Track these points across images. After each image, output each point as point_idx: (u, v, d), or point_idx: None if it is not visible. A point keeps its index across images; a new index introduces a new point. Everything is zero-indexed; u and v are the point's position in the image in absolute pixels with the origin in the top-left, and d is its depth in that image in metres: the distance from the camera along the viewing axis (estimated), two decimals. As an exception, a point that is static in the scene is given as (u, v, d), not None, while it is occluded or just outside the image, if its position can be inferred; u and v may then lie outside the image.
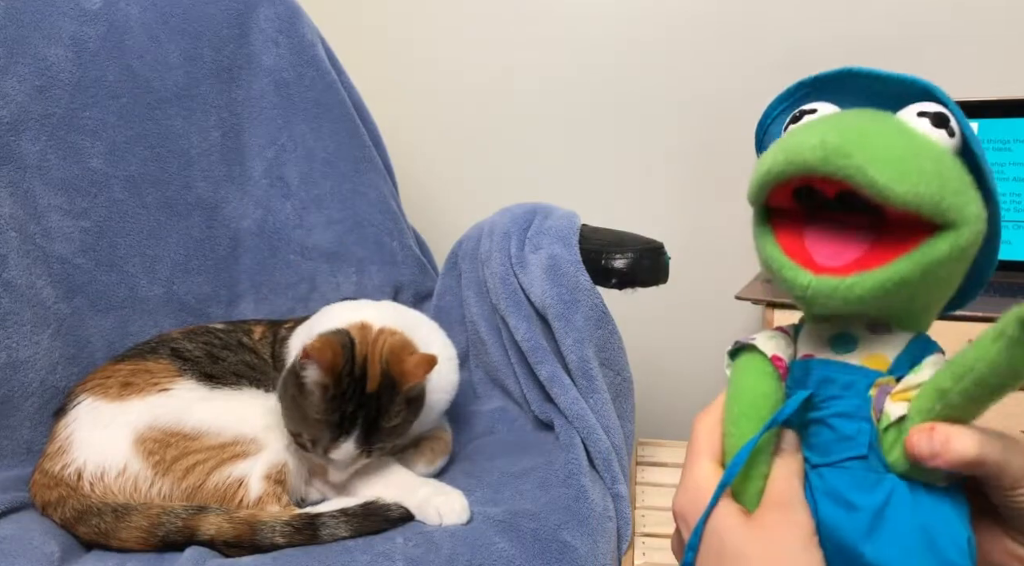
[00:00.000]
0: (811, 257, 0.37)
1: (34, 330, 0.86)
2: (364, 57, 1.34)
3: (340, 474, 0.75)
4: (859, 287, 0.35)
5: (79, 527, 0.70)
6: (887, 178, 0.33)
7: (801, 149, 0.34)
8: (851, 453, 0.36)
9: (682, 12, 1.30)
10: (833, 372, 0.38)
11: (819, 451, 0.38)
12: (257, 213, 1.09)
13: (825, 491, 0.37)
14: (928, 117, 0.37)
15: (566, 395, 0.86)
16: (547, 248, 0.90)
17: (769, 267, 0.39)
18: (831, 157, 0.33)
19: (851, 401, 0.37)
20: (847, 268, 0.35)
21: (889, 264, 0.34)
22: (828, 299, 0.35)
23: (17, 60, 0.91)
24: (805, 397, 0.38)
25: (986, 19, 1.20)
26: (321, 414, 0.72)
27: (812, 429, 0.38)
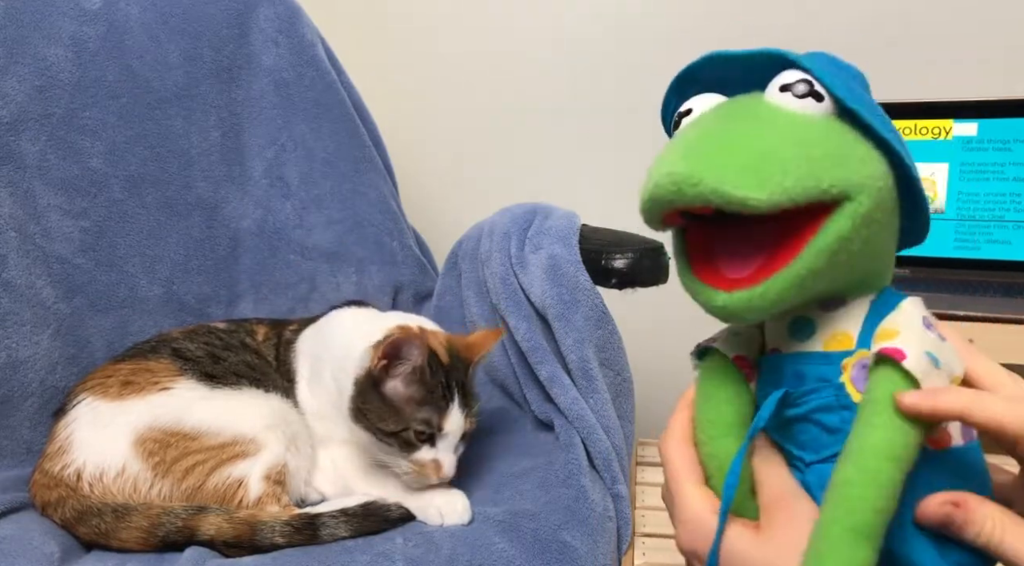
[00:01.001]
0: (721, 273, 0.36)
1: (34, 330, 0.86)
2: (364, 57, 1.34)
3: (451, 460, 0.74)
4: (771, 292, 0.34)
5: (79, 527, 0.70)
6: (745, 189, 0.32)
7: (657, 186, 0.34)
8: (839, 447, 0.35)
9: (682, 12, 1.30)
10: (802, 366, 0.37)
11: (810, 448, 0.37)
12: (257, 213, 1.09)
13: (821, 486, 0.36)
14: (789, 90, 0.35)
15: (566, 395, 0.86)
16: (547, 248, 0.90)
17: (686, 288, 0.38)
18: (683, 188, 0.33)
19: (828, 392, 0.36)
20: (754, 276, 0.34)
21: (793, 261, 0.33)
22: (746, 312, 0.34)
23: (17, 60, 0.91)
24: (780, 397, 0.37)
25: (986, 19, 1.20)
26: (427, 392, 0.73)
27: (797, 427, 0.37)
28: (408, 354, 0.72)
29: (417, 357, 0.72)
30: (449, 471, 0.73)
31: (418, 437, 0.73)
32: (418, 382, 0.73)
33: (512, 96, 1.39)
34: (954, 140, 1.09)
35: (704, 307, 0.37)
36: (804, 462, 0.37)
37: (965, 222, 1.09)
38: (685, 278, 0.38)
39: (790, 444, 0.38)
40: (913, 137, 1.11)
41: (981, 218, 1.08)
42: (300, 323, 0.91)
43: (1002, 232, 1.08)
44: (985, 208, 1.08)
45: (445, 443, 0.74)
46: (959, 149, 1.09)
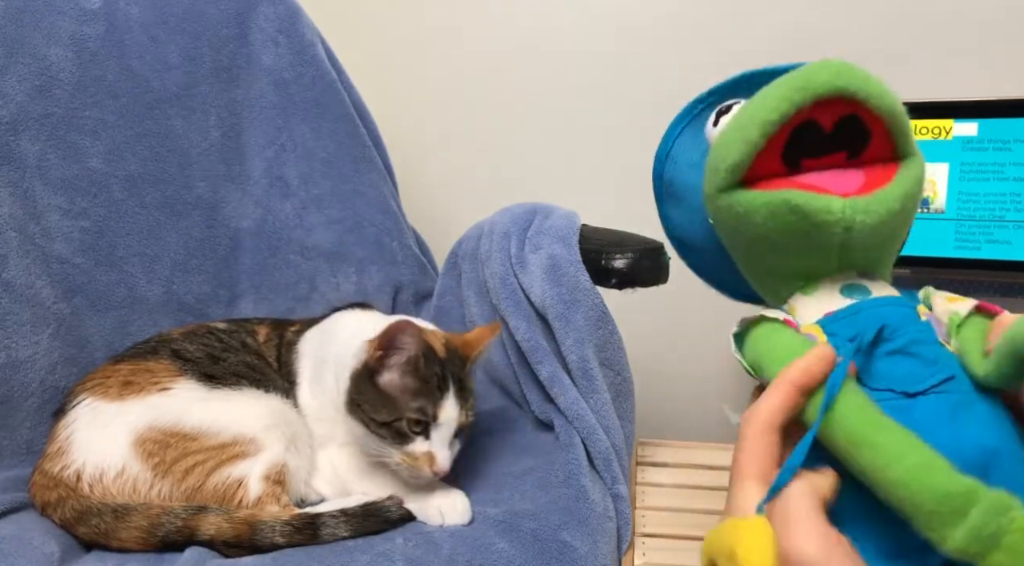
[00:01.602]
0: (826, 189, 0.37)
1: (34, 330, 0.86)
2: (364, 57, 1.34)
3: (445, 454, 0.73)
4: (886, 200, 0.37)
5: (79, 527, 0.70)
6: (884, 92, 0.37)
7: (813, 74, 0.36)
8: (944, 375, 0.36)
9: (682, 12, 1.30)
10: (883, 306, 0.38)
11: (911, 381, 0.36)
12: (257, 213, 1.09)
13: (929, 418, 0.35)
14: None
15: (566, 395, 0.86)
16: (547, 248, 0.90)
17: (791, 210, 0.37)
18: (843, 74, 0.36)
19: (917, 327, 0.38)
20: (864, 188, 0.37)
21: (895, 179, 0.37)
22: (866, 215, 0.36)
23: (17, 60, 0.91)
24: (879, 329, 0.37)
25: (986, 19, 1.20)
26: (422, 383, 0.73)
27: (891, 361, 0.37)
28: (403, 344, 0.73)
29: (412, 347, 0.73)
30: (443, 464, 0.73)
31: (412, 428, 0.73)
32: (413, 372, 0.73)
33: (512, 96, 1.39)
34: (954, 140, 1.09)
35: (820, 215, 0.37)
36: (909, 393, 0.36)
37: (965, 222, 1.09)
38: (787, 195, 0.38)
39: (885, 381, 0.37)
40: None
41: (981, 218, 1.08)
42: (302, 324, 0.91)
43: (1002, 232, 1.08)
44: (985, 208, 1.08)
45: (439, 435, 0.73)
46: (959, 149, 1.09)
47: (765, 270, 0.44)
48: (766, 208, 0.38)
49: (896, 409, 0.36)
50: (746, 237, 0.41)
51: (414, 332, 0.72)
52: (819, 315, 0.40)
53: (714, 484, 1.05)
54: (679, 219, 0.50)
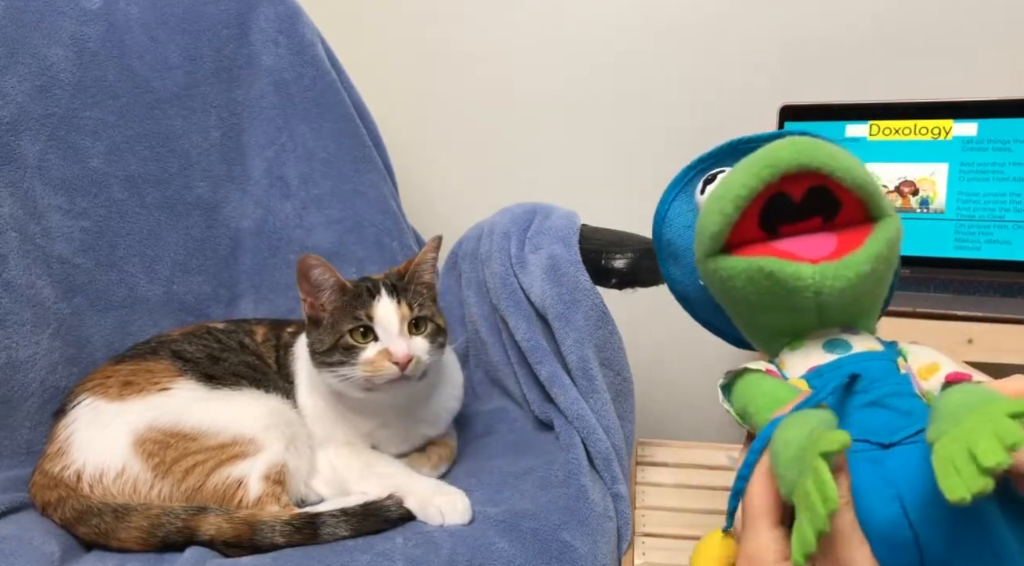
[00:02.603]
0: (798, 255, 0.40)
1: (34, 330, 0.86)
2: (364, 57, 1.34)
3: (399, 342, 0.75)
4: (854, 265, 0.39)
5: (79, 527, 0.70)
6: (855, 169, 0.39)
7: (778, 152, 0.39)
8: (919, 426, 0.37)
9: (682, 13, 1.30)
10: (863, 361, 0.40)
11: (885, 432, 0.37)
12: (257, 213, 1.09)
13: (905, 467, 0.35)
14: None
15: (566, 395, 0.86)
16: (547, 248, 0.90)
17: (765, 276, 0.40)
18: (806, 152, 0.39)
19: (894, 380, 0.39)
20: (834, 254, 0.40)
21: (864, 245, 0.39)
22: (834, 280, 0.39)
23: (17, 60, 0.91)
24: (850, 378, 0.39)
25: (987, 19, 1.20)
26: (353, 297, 0.77)
27: (864, 413, 0.38)
28: (320, 276, 0.77)
29: (328, 274, 0.77)
30: (398, 350, 0.74)
31: (357, 339, 0.76)
32: (341, 295, 0.78)
33: (512, 96, 1.39)
34: (954, 140, 1.09)
35: (790, 281, 0.39)
36: (883, 444, 0.37)
37: (965, 222, 1.09)
38: (761, 263, 0.40)
39: (860, 432, 0.37)
40: (913, 137, 1.11)
41: (981, 218, 1.08)
42: (298, 325, 0.91)
43: (1002, 232, 1.08)
44: (985, 208, 1.08)
45: (386, 333, 0.76)
46: (959, 149, 1.09)
47: (754, 328, 0.46)
48: (744, 274, 0.41)
49: (870, 460, 0.37)
50: (732, 298, 0.44)
51: (317, 262, 0.76)
52: (804, 370, 0.42)
53: (714, 484, 1.05)
54: (678, 276, 0.54)
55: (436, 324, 0.80)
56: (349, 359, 0.76)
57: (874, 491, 0.35)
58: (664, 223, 0.52)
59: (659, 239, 0.53)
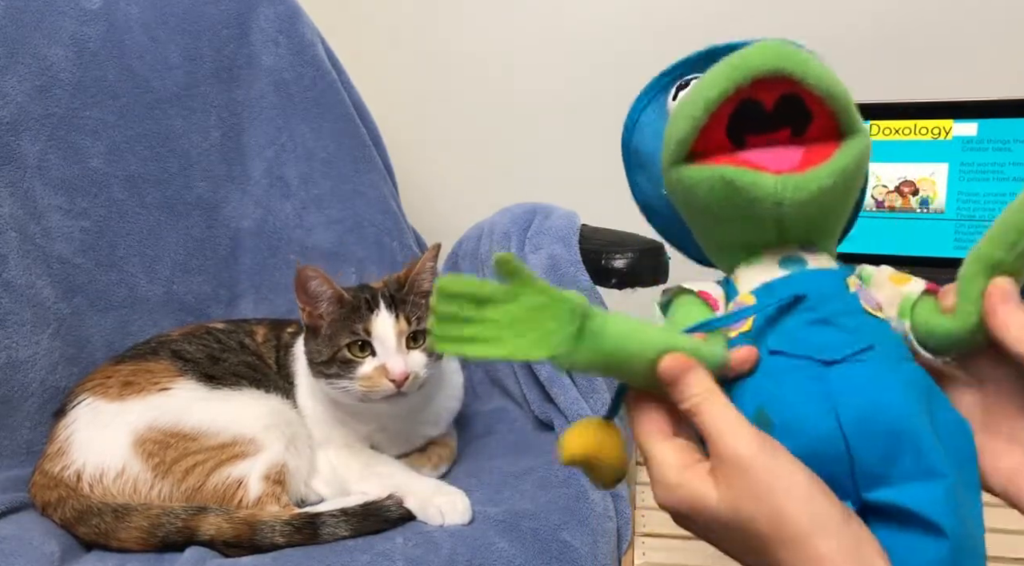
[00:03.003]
0: (762, 165, 0.39)
1: (34, 330, 0.86)
2: (364, 57, 1.34)
3: (396, 359, 0.75)
4: (818, 177, 0.38)
5: (79, 527, 0.70)
6: (828, 76, 0.38)
7: (751, 56, 0.38)
8: (863, 344, 0.37)
9: (682, 12, 1.30)
10: (813, 279, 0.40)
11: (828, 349, 0.37)
12: (257, 213, 1.09)
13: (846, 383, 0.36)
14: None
15: (566, 395, 0.86)
16: (547, 248, 0.90)
17: (725, 185, 0.39)
18: (782, 56, 0.37)
19: (843, 299, 0.39)
20: (799, 166, 0.38)
21: (832, 157, 0.38)
22: (796, 193, 0.38)
23: (17, 60, 0.91)
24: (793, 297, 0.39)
25: (986, 19, 1.20)
26: (351, 310, 0.76)
27: (810, 330, 0.38)
28: (318, 288, 0.77)
29: (327, 286, 0.76)
30: (395, 368, 0.74)
31: (355, 353, 0.75)
32: (339, 307, 0.77)
33: (512, 96, 1.39)
34: (954, 140, 1.09)
35: (751, 190, 0.38)
36: (826, 361, 0.37)
37: (965, 222, 1.09)
38: (721, 172, 0.39)
39: (803, 348, 0.38)
40: (913, 137, 1.10)
41: (981, 218, 1.08)
42: (298, 325, 0.91)
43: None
44: (985, 208, 1.08)
45: (384, 348, 0.75)
46: (959, 149, 1.09)
47: (713, 242, 0.45)
48: (706, 182, 0.40)
49: (812, 377, 0.37)
50: (693, 209, 0.43)
51: (316, 274, 0.76)
52: (756, 284, 0.42)
53: (714, 484, 1.05)
54: (644, 185, 0.52)
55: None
56: (346, 373, 0.75)
57: (810, 405, 0.36)
58: (634, 130, 0.51)
59: (627, 147, 0.53)
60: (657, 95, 0.50)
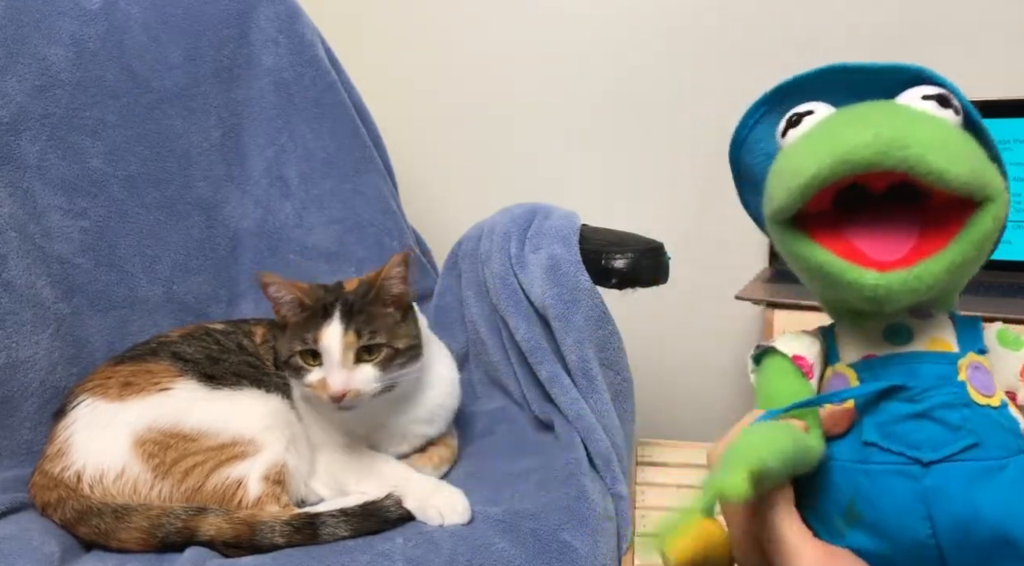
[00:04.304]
0: (866, 255, 0.35)
1: (34, 330, 0.86)
2: (364, 57, 1.34)
3: (337, 374, 0.73)
4: (927, 275, 0.34)
5: (79, 527, 0.70)
6: (945, 163, 0.33)
7: (855, 147, 0.33)
8: (967, 442, 0.34)
9: (682, 13, 1.30)
10: (915, 364, 0.37)
11: (928, 447, 0.35)
12: (257, 213, 1.09)
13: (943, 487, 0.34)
14: (934, 99, 0.37)
15: (566, 395, 0.86)
16: (547, 248, 0.90)
17: (823, 275, 0.36)
18: (890, 150, 0.33)
19: (949, 389, 0.36)
20: (907, 259, 0.35)
21: (947, 247, 0.34)
22: (900, 293, 0.34)
23: (17, 60, 0.91)
24: (887, 387, 0.36)
25: (986, 19, 1.20)
26: (302, 316, 0.77)
27: (910, 425, 0.36)
28: (277, 293, 0.78)
29: (285, 291, 0.77)
30: (334, 384, 0.72)
31: (306, 361, 0.75)
32: (299, 310, 0.78)
33: (512, 96, 1.39)
34: (954, 140, 1.09)
35: (850, 287, 0.35)
36: (922, 462, 0.35)
37: (965, 222, 1.09)
38: (822, 258, 0.36)
39: (899, 444, 0.36)
40: (913, 137, 1.11)
41: (981, 218, 1.08)
42: None
43: (1004, 231, 1.08)
44: (985, 208, 1.08)
45: (328, 359, 0.73)
46: (959, 149, 1.09)
47: (818, 295, 0.42)
48: (804, 261, 0.37)
49: (907, 475, 0.35)
50: (795, 268, 0.40)
51: (274, 281, 0.77)
52: (859, 356, 0.39)
53: (714, 484, 1.05)
54: (755, 204, 0.48)
55: (393, 348, 0.75)
56: (297, 377, 0.76)
57: (902, 509, 0.34)
58: (743, 146, 0.46)
59: (735, 162, 0.48)
60: (768, 114, 0.45)
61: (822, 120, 0.38)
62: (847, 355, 0.39)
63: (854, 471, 0.36)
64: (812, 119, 0.39)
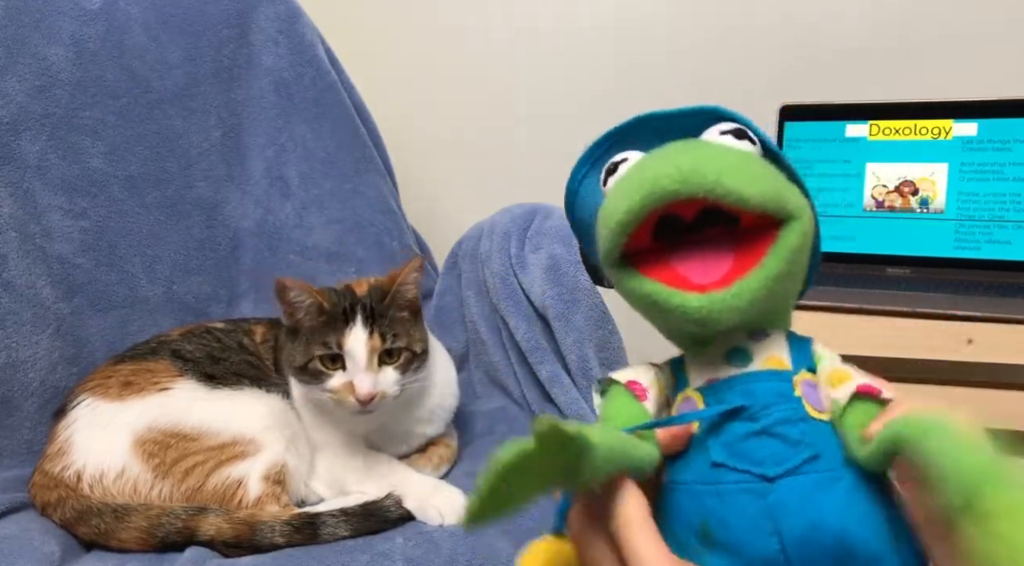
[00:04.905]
0: (688, 280, 0.38)
1: (34, 330, 0.86)
2: (364, 57, 1.34)
3: (364, 378, 0.73)
4: (745, 291, 0.36)
5: (79, 527, 0.70)
6: (740, 185, 0.35)
7: (658, 179, 0.36)
8: (807, 454, 0.36)
9: (682, 14, 1.30)
10: (753, 384, 0.38)
11: (771, 463, 0.36)
12: (257, 213, 1.09)
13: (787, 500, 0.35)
14: (730, 133, 0.40)
15: (566, 395, 0.86)
16: (547, 248, 0.90)
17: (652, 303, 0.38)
18: (690, 178, 0.35)
19: (787, 406, 0.37)
20: (726, 279, 0.37)
21: (760, 264, 0.37)
22: (723, 312, 0.36)
23: (17, 60, 0.91)
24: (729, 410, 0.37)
25: (986, 19, 1.20)
26: (328, 319, 0.75)
27: (753, 443, 0.37)
28: (295, 298, 0.76)
29: (304, 295, 0.76)
30: (362, 387, 0.73)
31: (326, 365, 0.75)
32: (318, 315, 0.76)
33: (512, 96, 1.39)
34: (954, 140, 1.09)
35: (676, 311, 0.37)
36: (767, 478, 0.36)
37: (965, 222, 1.09)
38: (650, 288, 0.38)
39: (745, 462, 0.36)
40: (913, 137, 1.10)
41: (981, 218, 1.08)
42: None
43: (1002, 232, 1.08)
44: (985, 208, 1.08)
45: (354, 363, 0.74)
46: (959, 149, 1.09)
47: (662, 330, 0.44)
48: (635, 295, 0.39)
49: (752, 492, 0.36)
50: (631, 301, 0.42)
51: (294, 286, 0.76)
52: (703, 381, 0.40)
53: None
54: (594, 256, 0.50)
55: (412, 351, 0.77)
56: (316, 383, 0.75)
57: (752, 526, 0.35)
58: (575, 201, 0.50)
59: (571, 215, 0.51)
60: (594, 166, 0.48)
61: (634, 164, 0.41)
62: (694, 380, 0.41)
63: (704, 493, 0.37)
64: (626, 165, 0.42)
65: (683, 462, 0.39)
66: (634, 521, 0.35)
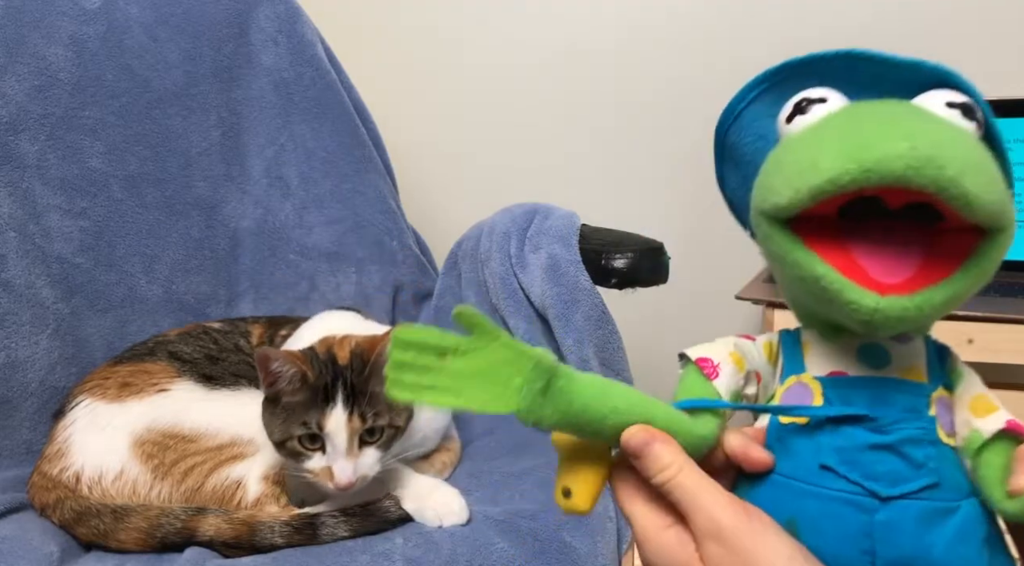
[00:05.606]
0: (867, 274, 0.32)
1: (33, 330, 0.86)
2: (364, 57, 1.34)
3: (344, 465, 0.69)
4: (927, 305, 0.31)
5: (78, 528, 0.69)
6: (979, 190, 0.30)
7: (886, 157, 0.29)
8: (927, 481, 0.33)
9: (682, 13, 1.30)
10: (891, 391, 0.34)
11: (886, 481, 0.33)
12: (257, 213, 1.09)
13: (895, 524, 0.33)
14: (958, 108, 0.34)
15: (566, 395, 0.85)
16: (547, 248, 0.90)
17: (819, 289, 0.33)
18: (925, 167, 0.29)
19: (918, 424, 0.34)
20: (909, 284, 0.32)
21: (953, 276, 0.32)
22: (896, 321, 0.32)
23: (16, 60, 0.91)
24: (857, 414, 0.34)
25: (986, 19, 1.20)
26: (301, 394, 0.70)
27: (873, 456, 0.34)
28: (278, 370, 0.70)
29: (286, 367, 0.70)
30: (341, 476, 0.69)
31: (306, 445, 0.70)
32: (300, 389, 0.71)
33: (512, 96, 1.39)
34: (954, 140, 1.09)
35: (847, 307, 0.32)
36: (879, 496, 0.33)
37: (965, 222, 1.09)
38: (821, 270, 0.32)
39: (858, 474, 0.33)
40: (913, 137, 1.11)
41: (981, 218, 1.08)
42: (291, 327, 0.91)
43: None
44: (985, 208, 1.08)
45: (333, 446, 0.70)
46: (959, 149, 1.09)
47: (791, 299, 0.39)
48: (797, 269, 0.34)
49: (859, 507, 0.33)
50: (777, 269, 0.37)
51: (278, 356, 0.70)
52: (826, 371, 0.36)
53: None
54: (733, 182, 0.44)
55: (395, 426, 0.73)
56: (295, 461, 0.71)
57: (847, 540, 0.33)
58: (733, 123, 0.43)
59: (720, 137, 0.44)
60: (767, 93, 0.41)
61: (838, 113, 0.34)
62: (814, 367, 0.37)
63: (802, 491, 0.34)
64: (823, 109, 0.35)
65: (782, 450, 0.36)
66: (673, 465, 0.34)
